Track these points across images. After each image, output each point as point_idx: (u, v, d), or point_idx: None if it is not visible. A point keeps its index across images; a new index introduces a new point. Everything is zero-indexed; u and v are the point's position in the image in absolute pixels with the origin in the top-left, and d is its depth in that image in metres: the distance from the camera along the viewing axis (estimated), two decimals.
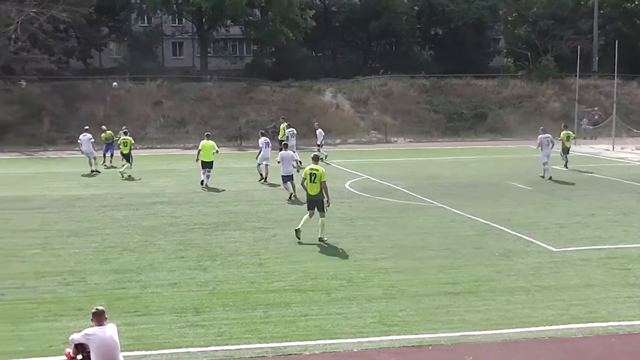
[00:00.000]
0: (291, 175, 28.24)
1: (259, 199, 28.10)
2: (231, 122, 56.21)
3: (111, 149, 39.11)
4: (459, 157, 44.46)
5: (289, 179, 28.20)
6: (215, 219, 24.08)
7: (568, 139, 37.39)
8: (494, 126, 60.74)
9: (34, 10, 55.60)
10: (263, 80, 64.22)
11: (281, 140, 35.20)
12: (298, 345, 12.70)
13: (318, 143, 41.43)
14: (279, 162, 28.61)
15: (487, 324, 13.68)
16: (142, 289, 15.94)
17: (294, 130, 39.16)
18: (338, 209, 25.36)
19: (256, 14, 67.55)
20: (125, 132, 36.36)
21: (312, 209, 20.90)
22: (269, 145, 32.79)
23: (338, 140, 54.28)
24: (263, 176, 32.44)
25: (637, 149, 48.03)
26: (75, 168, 37.33)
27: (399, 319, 13.96)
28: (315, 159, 21.25)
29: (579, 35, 68.08)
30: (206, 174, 31.36)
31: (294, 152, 34.23)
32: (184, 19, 71.12)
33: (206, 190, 30.52)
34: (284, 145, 30.05)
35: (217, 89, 60.45)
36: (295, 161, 30.62)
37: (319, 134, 41.76)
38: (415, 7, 75.24)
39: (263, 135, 33.65)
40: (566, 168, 36.49)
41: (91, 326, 11.05)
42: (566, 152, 37.23)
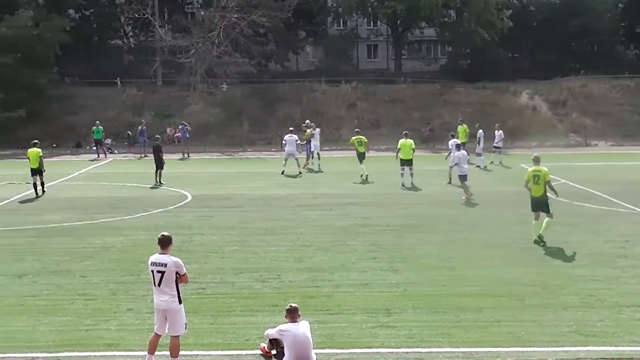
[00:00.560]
0: (465, 175, 28.32)
1: (451, 201, 27.82)
2: (424, 124, 56.04)
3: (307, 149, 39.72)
4: None
5: (464, 178, 28.27)
6: (406, 220, 24.08)
7: None
8: None
9: (236, 16, 58.04)
10: (457, 81, 63.63)
11: (463, 142, 35.23)
12: (490, 351, 12.45)
13: (495, 144, 40.33)
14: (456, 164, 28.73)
15: None
16: (335, 288, 16.17)
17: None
18: (532, 214, 24.73)
19: (451, 15, 67.05)
20: (357, 132, 36.58)
21: (537, 211, 20.60)
22: (460, 147, 32.53)
23: (534, 144, 52.77)
24: (449, 179, 32.20)
25: None
26: (273, 168, 38.40)
27: (597, 330, 13.37)
28: (537, 161, 20.83)
29: None
30: (407, 172, 31.99)
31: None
32: (379, 21, 71.70)
33: (404, 190, 30.85)
34: (457, 147, 29.78)
35: (411, 90, 60.48)
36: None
37: (498, 136, 40.52)
38: (620, 5, 71.98)
39: (453, 137, 33.60)
40: None
41: (285, 322, 11.34)
42: None
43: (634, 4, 70.75)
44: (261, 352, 12.26)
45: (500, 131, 40.72)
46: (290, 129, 39.46)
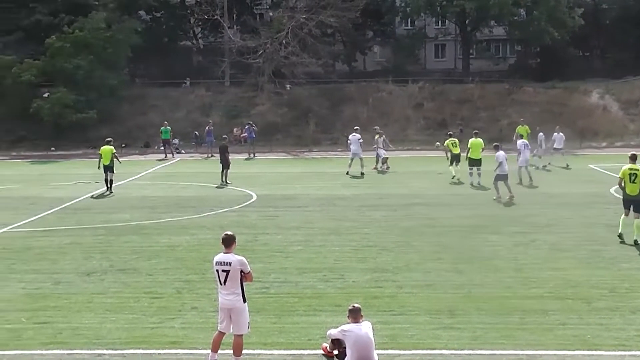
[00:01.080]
0: (506, 174, 28.02)
1: (517, 202, 27.45)
2: (492, 124, 55.40)
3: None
4: None
5: (503, 178, 28.01)
6: (472, 221, 23.85)
7: None
8: None
9: (304, 17, 58.25)
10: (526, 81, 62.79)
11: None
12: (555, 354, 12.26)
13: (555, 147, 38.90)
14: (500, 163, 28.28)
15: None
16: (398, 289, 16.10)
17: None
18: (603, 215, 24.37)
19: (521, 14, 66.16)
20: (450, 135, 36.20)
21: (628, 208, 20.33)
22: (528, 146, 32.45)
23: (604, 144, 51.83)
24: (520, 179, 31.78)
25: None
26: (338, 168, 38.37)
27: None
28: (634, 159, 20.41)
29: None
30: (475, 172, 32.02)
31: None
32: (447, 20, 71.21)
33: (471, 190, 30.88)
34: (495, 147, 29.26)
35: (479, 90, 59.83)
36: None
37: (559, 138, 39.04)
38: None
39: (521, 137, 33.62)
40: None
41: (348, 323, 11.33)
42: None
43: None
44: (323, 352, 12.27)
45: (560, 133, 39.37)
46: (355, 128, 39.27)
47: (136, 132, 57.08)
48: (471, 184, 31.88)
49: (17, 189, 33.79)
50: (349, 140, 37.71)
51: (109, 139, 33.23)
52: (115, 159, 31.82)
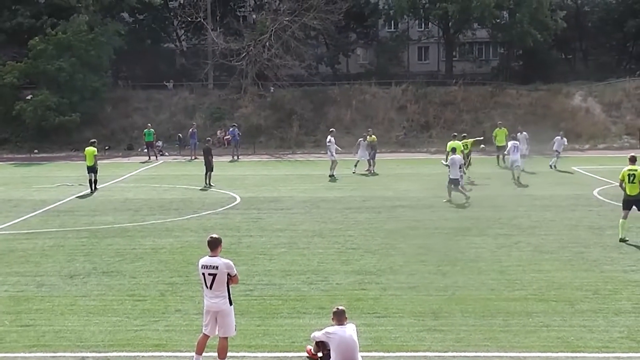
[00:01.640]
0: (457, 179, 28.24)
1: (502, 204, 27.57)
2: (475, 127, 55.55)
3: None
4: None
5: (454, 182, 28.22)
6: (456, 223, 23.92)
7: None
8: None
9: (287, 19, 58.28)
10: (509, 83, 63.06)
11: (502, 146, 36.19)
12: (538, 356, 12.32)
13: (555, 149, 39.00)
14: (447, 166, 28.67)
15: None
16: (382, 291, 16.12)
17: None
18: (585, 217, 24.59)
19: (504, 16, 66.39)
20: (454, 136, 35.76)
21: (628, 209, 20.67)
22: (518, 149, 32.77)
23: (587, 146, 52.11)
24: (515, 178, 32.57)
25: None
26: (322, 170, 38.30)
27: None
28: (633, 160, 20.75)
29: None
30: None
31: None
32: (430, 23, 71.38)
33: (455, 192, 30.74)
34: (453, 150, 29.48)
35: (462, 92, 59.98)
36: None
37: (560, 142, 39.14)
38: None
39: (514, 139, 34.28)
40: None
41: (332, 325, 11.34)
42: None
43: None
44: (307, 355, 12.27)
45: (564, 139, 39.38)
46: (331, 130, 39.34)
47: (119, 135, 56.98)
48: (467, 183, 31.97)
49: (0, 191, 33.59)
50: (328, 143, 37.52)
51: (92, 141, 34.06)
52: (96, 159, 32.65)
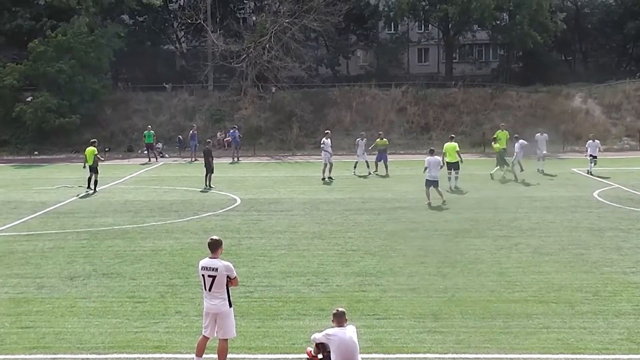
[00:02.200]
0: (435, 180, 28.22)
1: (502, 206, 27.57)
2: (475, 128, 55.69)
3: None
4: None
5: (432, 184, 28.19)
6: (456, 225, 23.93)
7: None
8: None
9: (287, 21, 58.31)
10: (509, 85, 63.09)
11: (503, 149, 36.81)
12: (538, 357, 12.33)
13: (590, 153, 37.40)
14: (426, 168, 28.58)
15: None
16: (382, 293, 16.12)
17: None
18: (585, 219, 24.56)
19: (504, 18, 66.45)
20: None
21: None
22: (522, 148, 34.86)
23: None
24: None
25: None
26: (322, 173, 38.19)
27: None
28: None
29: None
30: (453, 175, 32.15)
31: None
32: (430, 25, 71.41)
33: (454, 194, 30.93)
34: (430, 151, 29.53)
35: (462, 94, 60.00)
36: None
37: (594, 145, 37.58)
38: None
39: (517, 138, 35.48)
40: None
41: (332, 327, 11.33)
42: None
43: None
44: (307, 356, 12.26)
45: (596, 141, 38.11)
46: (327, 131, 39.20)
47: (119, 137, 57.00)
48: (449, 187, 31.89)
49: (0, 193, 33.60)
50: (322, 144, 37.31)
51: (92, 140, 34.63)
52: (97, 160, 33.06)
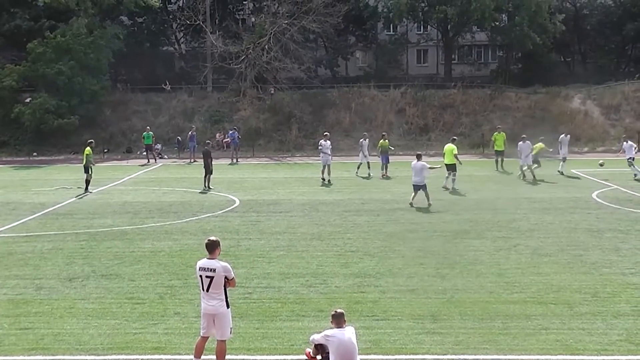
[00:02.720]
0: (419, 185, 28.06)
1: (501, 207, 27.57)
2: (475, 129, 55.69)
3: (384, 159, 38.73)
4: None
5: (416, 188, 28.10)
6: (455, 226, 23.93)
7: None
8: None
9: (286, 22, 58.34)
10: (508, 86, 63.10)
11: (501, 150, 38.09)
12: (537, 359, 12.33)
13: (631, 156, 36.31)
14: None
15: None
16: (381, 294, 16.13)
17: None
18: (584, 220, 24.56)
19: (503, 19, 66.47)
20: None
21: None
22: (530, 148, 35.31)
23: (586, 149, 52.12)
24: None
25: None
26: (321, 173, 38.18)
27: None
28: None
29: None
30: (451, 176, 32.26)
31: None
32: (429, 26, 71.40)
33: (454, 195, 31.05)
34: (417, 156, 29.11)
35: (461, 95, 60.05)
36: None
37: (629, 147, 36.64)
38: None
39: (524, 140, 35.60)
40: None
41: (331, 328, 11.32)
42: None
43: None
44: (306, 357, 12.25)
45: (629, 142, 37.34)
46: (325, 134, 39.16)
47: (118, 138, 57.01)
48: (444, 187, 32.12)
49: None
50: (320, 146, 37.23)
51: (89, 141, 35.09)
52: (88, 160, 33.36)
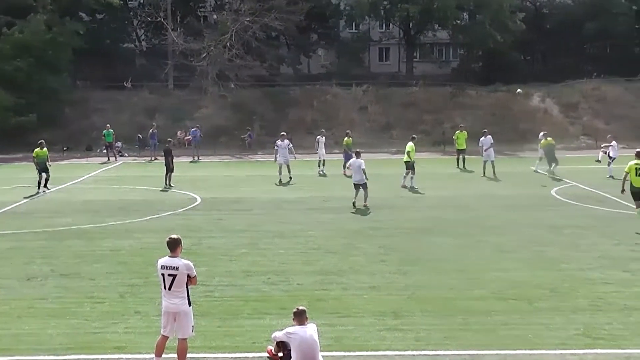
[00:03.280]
0: (358, 184, 27.58)
1: (464, 204, 27.75)
2: (437, 127, 55.97)
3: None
4: None
5: (356, 186, 27.64)
6: (418, 224, 24.02)
7: None
8: None
9: (248, 19, 58.14)
10: (469, 84, 63.53)
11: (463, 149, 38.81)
12: (497, 354, 12.40)
13: (612, 155, 36.95)
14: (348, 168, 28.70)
15: None
16: (343, 291, 16.14)
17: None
18: (545, 217, 24.77)
19: (464, 18, 66.90)
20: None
21: (638, 200, 22.37)
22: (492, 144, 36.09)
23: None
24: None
25: None
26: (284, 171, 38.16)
27: (606, 333, 13.30)
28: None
29: None
30: (409, 175, 32.40)
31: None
32: (391, 24, 71.64)
33: (407, 189, 31.20)
34: (356, 153, 28.89)
35: (423, 93, 60.33)
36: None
37: (613, 147, 37.30)
38: (634, 7, 71.52)
39: (485, 134, 36.59)
40: None
41: (293, 325, 11.32)
42: None
43: None
44: (268, 355, 12.23)
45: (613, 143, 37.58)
46: (282, 134, 38.44)
47: (79, 136, 56.28)
48: (403, 186, 32.14)
49: None
50: (276, 147, 36.58)
51: (39, 142, 33.69)
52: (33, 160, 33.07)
